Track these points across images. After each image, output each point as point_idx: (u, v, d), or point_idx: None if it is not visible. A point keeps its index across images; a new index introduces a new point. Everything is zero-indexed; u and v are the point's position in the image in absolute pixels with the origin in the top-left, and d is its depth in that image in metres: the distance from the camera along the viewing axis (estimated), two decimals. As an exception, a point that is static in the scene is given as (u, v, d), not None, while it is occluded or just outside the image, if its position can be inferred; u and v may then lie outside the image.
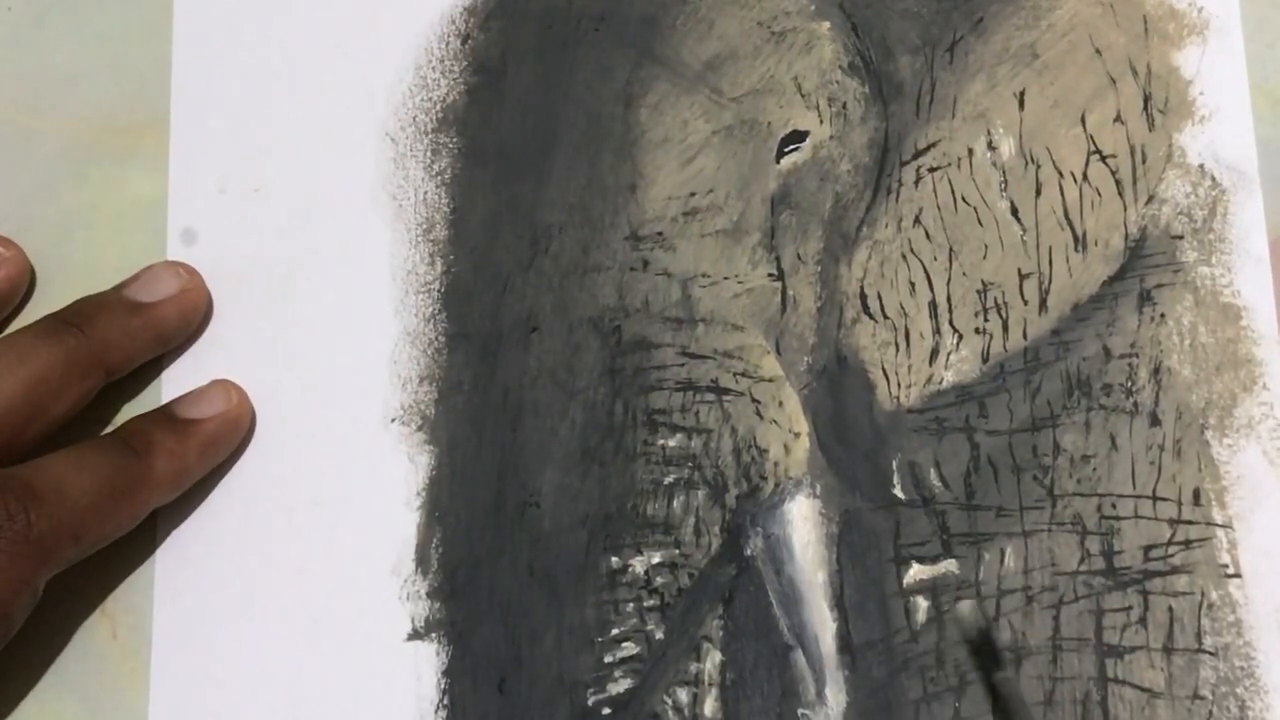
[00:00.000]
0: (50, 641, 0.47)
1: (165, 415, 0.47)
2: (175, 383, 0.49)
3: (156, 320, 0.48)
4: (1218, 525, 0.45)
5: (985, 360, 0.47)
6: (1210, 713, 0.44)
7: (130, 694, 0.47)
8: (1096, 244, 0.48)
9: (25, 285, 0.50)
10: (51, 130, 0.51)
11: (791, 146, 0.49)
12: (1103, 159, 0.48)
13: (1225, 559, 0.45)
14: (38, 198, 0.51)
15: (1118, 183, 0.48)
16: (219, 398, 0.48)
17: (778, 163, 0.49)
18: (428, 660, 0.46)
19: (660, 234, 0.49)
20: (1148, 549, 0.45)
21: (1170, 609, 0.45)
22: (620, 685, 0.45)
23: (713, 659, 0.45)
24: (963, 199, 0.48)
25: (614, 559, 0.46)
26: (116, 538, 0.45)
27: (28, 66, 0.52)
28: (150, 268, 0.49)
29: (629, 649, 0.46)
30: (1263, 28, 0.49)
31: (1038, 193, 0.48)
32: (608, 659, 0.46)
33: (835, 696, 0.45)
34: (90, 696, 0.47)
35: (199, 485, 0.48)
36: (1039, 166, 0.48)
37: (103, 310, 0.47)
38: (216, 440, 0.47)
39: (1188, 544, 0.45)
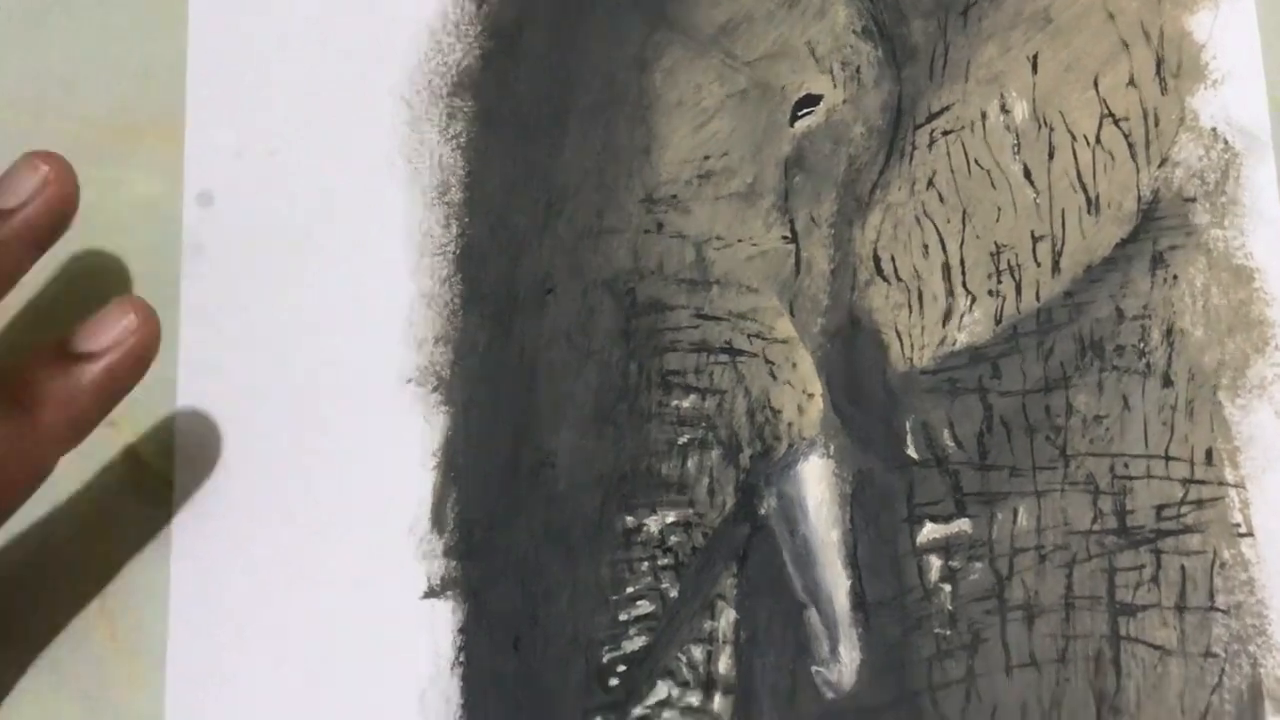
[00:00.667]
0: (50, 641, 0.47)
1: (54, 355, 0.43)
2: (193, 349, 0.49)
3: (23, 226, 0.42)
4: (1230, 485, 0.46)
5: (998, 322, 0.47)
6: (1223, 670, 0.44)
7: (130, 694, 0.47)
8: (1109, 206, 0.48)
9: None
10: (51, 130, 0.51)
11: (805, 110, 0.49)
12: (1115, 122, 0.48)
13: (1237, 518, 0.45)
14: (37, 198, 0.51)
15: (1130, 146, 0.48)
16: (117, 324, 0.43)
17: (792, 126, 0.49)
18: (443, 618, 0.46)
19: (675, 197, 0.49)
20: (1160, 508, 0.45)
21: (1182, 568, 0.45)
22: (635, 643, 0.46)
23: (727, 617, 0.46)
24: (976, 162, 0.48)
25: (629, 518, 0.47)
26: (25, 501, 0.43)
27: (28, 66, 0.52)
28: (11, 168, 0.43)
29: (644, 607, 0.46)
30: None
31: (1050, 156, 0.48)
32: (622, 617, 0.46)
33: (849, 654, 0.45)
34: (90, 696, 0.47)
35: (212, 442, 0.48)
36: (1052, 130, 0.48)
37: None
38: (113, 379, 0.42)
39: (1200, 503, 0.45)
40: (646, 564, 0.46)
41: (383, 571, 0.47)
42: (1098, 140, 0.48)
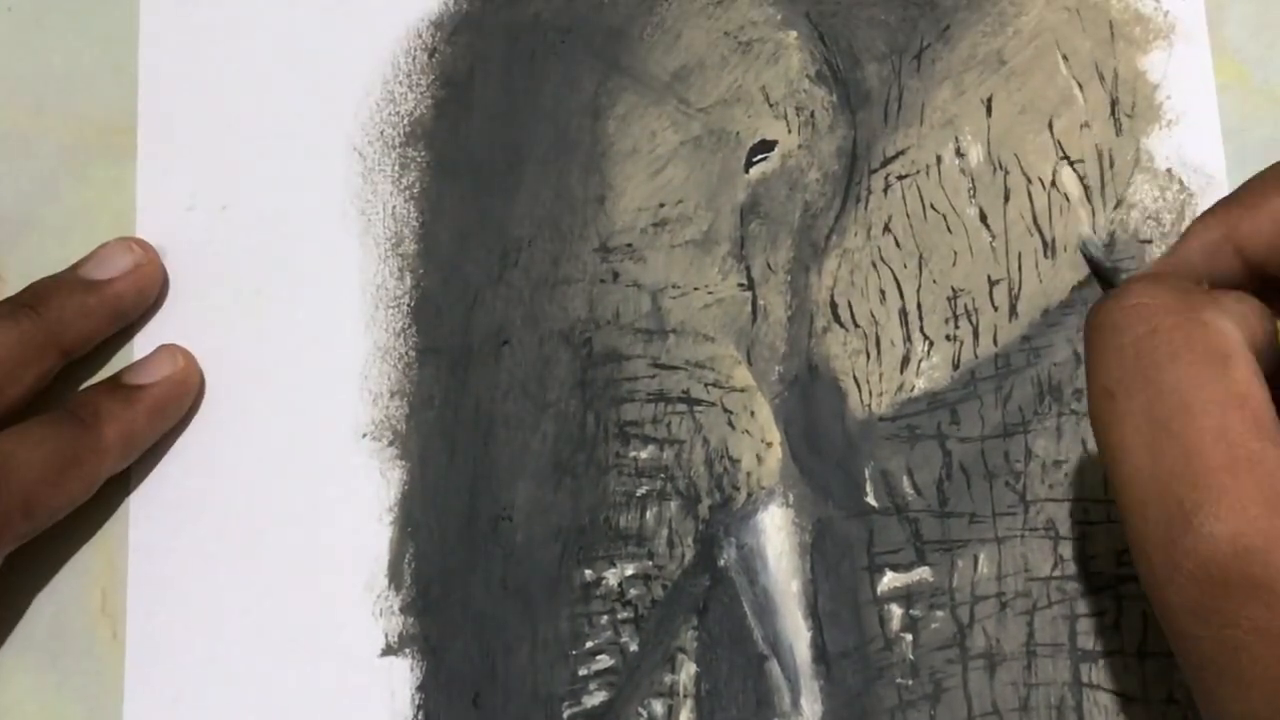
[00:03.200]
0: (51, 642, 0.47)
1: (112, 384, 0.47)
2: (146, 401, 0.49)
3: (112, 297, 0.47)
4: (1190, 528, 0.45)
5: (956, 367, 0.47)
6: (1185, 716, 0.44)
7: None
8: (1066, 249, 0.48)
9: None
10: (51, 130, 0.51)
11: (760, 156, 0.49)
12: (1071, 164, 0.48)
13: (1198, 562, 0.45)
14: (38, 198, 0.50)
15: (1086, 188, 0.48)
16: (165, 362, 0.47)
17: (746, 172, 0.49)
18: (402, 676, 0.46)
19: (630, 245, 0.48)
20: (1120, 553, 0.45)
21: (1144, 613, 0.45)
22: (595, 698, 0.45)
23: (687, 670, 0.45)
24: (931, 206, 0.48)
25: (587, 571, 0.46)
26: (72, 509, 0.46)
27: (28, 66, 0.52)
28: (104, 245, 0.48)
29: (603, 661, 0.46)
30: (1263, 27, 0.49)
31: (1006, 199, 0.48)
32: (582, 672, 0.45)
33: (810, 706, 0.45)
34: (90, 696, 0.47)
35: (167, 502, 0.47)
36: (1007, 173, 0.48)
37: (57, 290, 0.47)
38: (164, 404, 0.47)
39: (1160, 548, 0.45)
40: (606, 618, 0.46)
41: (340, 630, 0.46)
42: (1053, 183, 0.48)
